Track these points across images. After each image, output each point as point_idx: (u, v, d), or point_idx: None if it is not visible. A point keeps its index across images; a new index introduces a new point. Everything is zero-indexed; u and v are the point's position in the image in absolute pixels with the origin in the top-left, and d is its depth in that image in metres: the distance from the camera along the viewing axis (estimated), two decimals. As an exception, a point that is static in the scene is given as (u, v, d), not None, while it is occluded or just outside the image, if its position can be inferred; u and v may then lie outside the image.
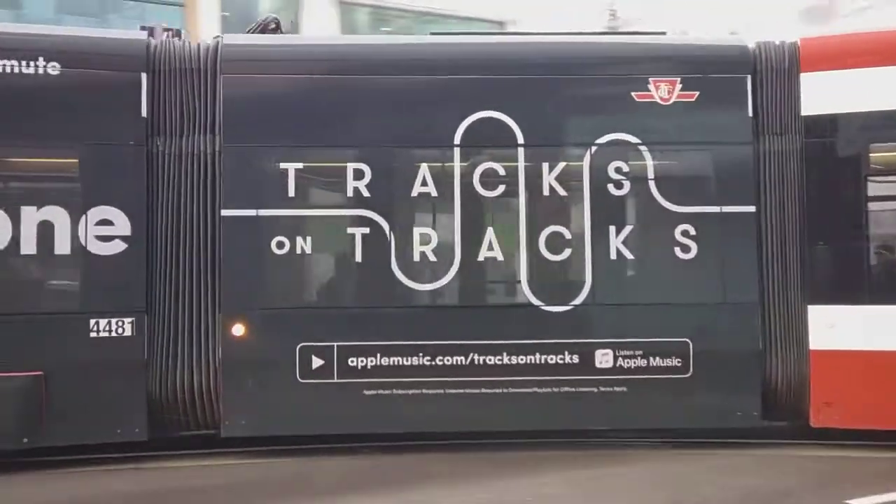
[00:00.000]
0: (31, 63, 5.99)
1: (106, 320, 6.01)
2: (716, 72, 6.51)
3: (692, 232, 6.37)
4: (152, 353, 6.14)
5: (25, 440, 5.91)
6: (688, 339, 6.32)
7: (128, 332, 6.04)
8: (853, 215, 6.41)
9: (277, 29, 7.18)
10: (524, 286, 6.39)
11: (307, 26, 16.01)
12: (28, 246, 5.95)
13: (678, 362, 6.31)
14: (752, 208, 6.41)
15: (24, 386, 5.86)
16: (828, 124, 6.45)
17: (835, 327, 6.28)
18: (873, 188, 6.41)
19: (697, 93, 6.45)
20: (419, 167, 6.39)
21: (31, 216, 5.95)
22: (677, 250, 6.38)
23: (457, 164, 6.41)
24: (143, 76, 6.16)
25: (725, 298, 6.41)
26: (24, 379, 5.86)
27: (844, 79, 6.39)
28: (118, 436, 6.11)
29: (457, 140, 6.40)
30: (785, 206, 6.45)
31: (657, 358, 6.32)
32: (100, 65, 6.20)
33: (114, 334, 6.01)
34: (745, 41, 6.71)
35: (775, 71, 6.53)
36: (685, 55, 6.70)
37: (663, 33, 7.14)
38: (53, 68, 6.02)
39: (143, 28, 6.88)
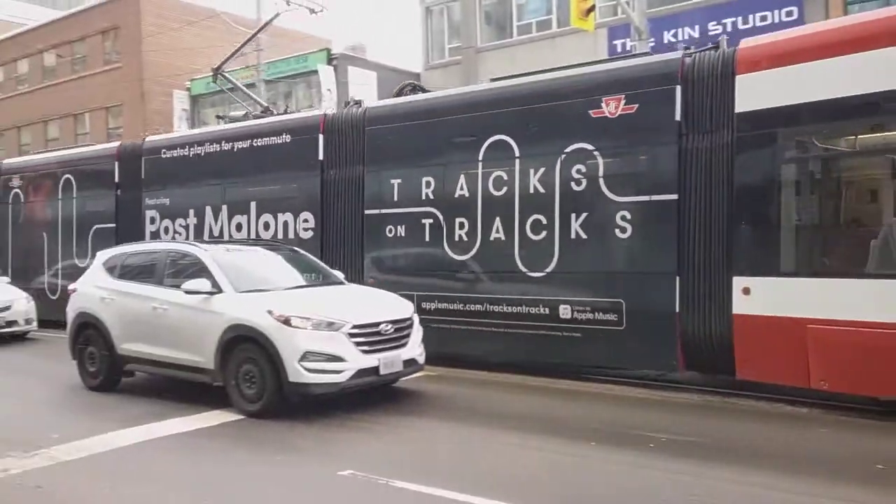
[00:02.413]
0: (279, 137, 11.21)
1: None
2: (649, 86, 7.97)
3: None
4: None
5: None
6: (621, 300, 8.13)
7: None
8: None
9: (413, 91, 11.03)
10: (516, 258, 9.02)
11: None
12: (279, 235, 11.22)
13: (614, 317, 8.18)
14: (674, 196, 7.78)
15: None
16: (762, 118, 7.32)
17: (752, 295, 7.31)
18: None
19: (637, 105, 8.05)
20: (459, 176, 9.53)
21: (280, 218, 11.22)
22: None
23: (480, 173, 9.35)
24: (320, 136, 10.83)
25: (649, 269, 7.95)
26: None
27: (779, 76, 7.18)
28: None
29: (480, 157, 9.35)
30: (709, 192, 7.62)
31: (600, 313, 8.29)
32: (300, 132, 11.09)
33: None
34: (678, 55, 7.90)
35: (706, 78, 7.66)
36: (626, 75, 8.23)
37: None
38: (287, 137, 11.14)
39: (348, 103, 11.50)
